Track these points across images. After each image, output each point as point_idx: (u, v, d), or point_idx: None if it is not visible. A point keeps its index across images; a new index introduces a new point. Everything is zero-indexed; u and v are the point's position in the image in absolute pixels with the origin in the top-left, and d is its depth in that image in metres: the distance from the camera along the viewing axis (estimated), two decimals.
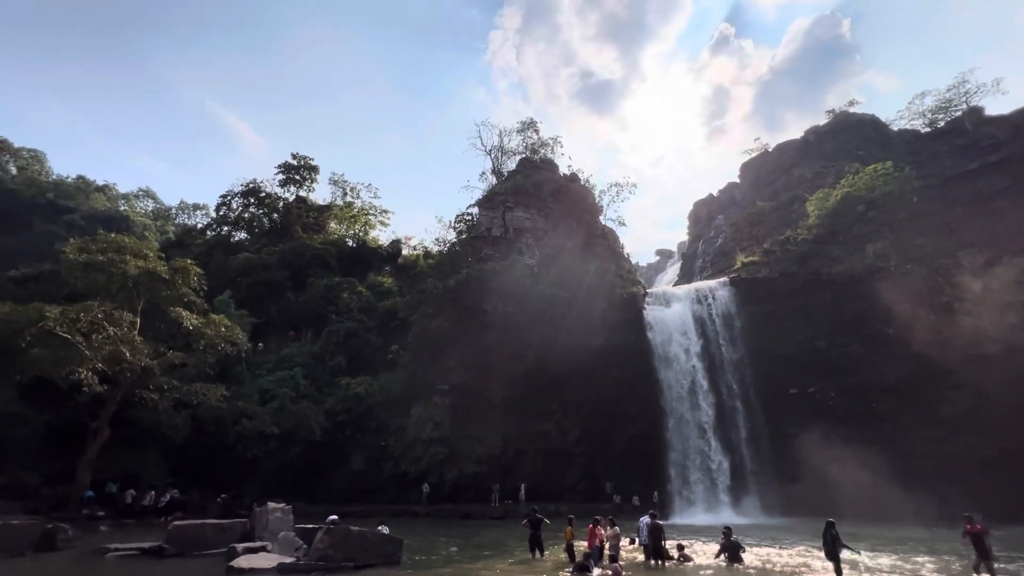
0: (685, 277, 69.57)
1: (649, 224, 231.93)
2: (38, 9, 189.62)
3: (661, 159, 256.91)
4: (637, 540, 16.73)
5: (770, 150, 71.71)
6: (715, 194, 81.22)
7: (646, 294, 44.93)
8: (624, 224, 53.55)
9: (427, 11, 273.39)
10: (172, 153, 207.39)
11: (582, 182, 52.24)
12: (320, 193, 66.24)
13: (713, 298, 42.08)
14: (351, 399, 38.06)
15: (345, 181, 66.79)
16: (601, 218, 51.18)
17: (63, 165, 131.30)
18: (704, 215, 78.26)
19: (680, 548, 16.37)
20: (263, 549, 15.38)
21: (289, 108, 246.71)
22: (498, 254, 44.45)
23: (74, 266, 30.45)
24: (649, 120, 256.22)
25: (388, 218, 68.01)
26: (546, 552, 16.44)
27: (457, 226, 51.78)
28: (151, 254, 32.73)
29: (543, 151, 56.00)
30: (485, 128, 76.77)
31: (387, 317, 46.06)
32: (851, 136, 59.48)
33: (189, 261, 34.66)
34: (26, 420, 29.68)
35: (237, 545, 14.97)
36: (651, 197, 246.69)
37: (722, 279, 44.63)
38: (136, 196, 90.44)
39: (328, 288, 48.42)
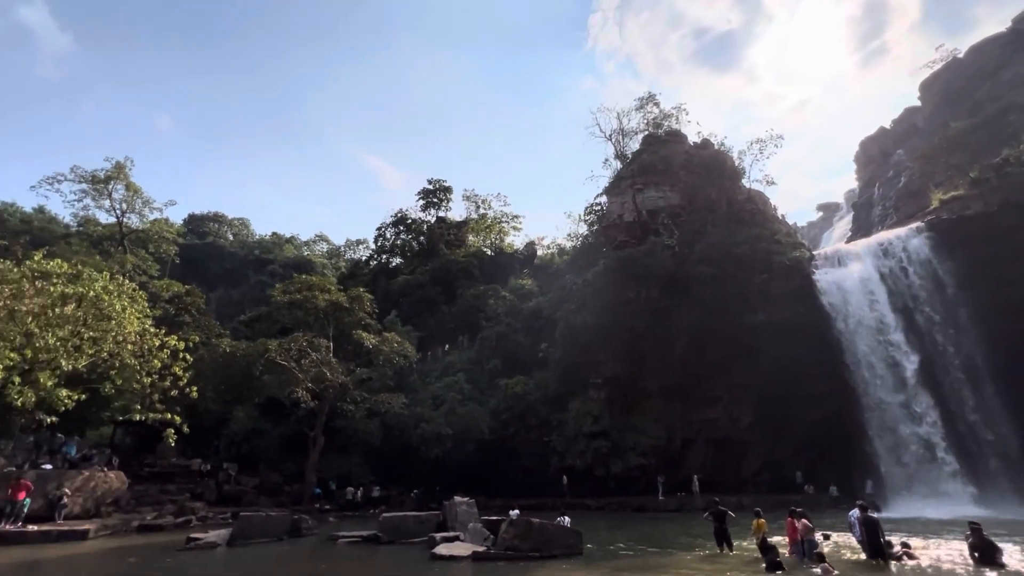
0: (861, 230, 59.55)
1: (803, 177, 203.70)
2: (226, 110, 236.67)
3: (805, 102, 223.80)
4: (851, 536, 14.68)
5: (961, 56, 57.82)
6: (888, 126, 68.17)
7: (812, 257, 39.48)
8: (773, 183, 47.65)
9: (523, 13, 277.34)
10: (335, 199, 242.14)
11: (716, 147, 47.98)
12: (456, 210, 71.17)
13: (905, 249, 35.30)
14: (511, 399, 40.06)
15: (476, 195, 70.94)
16: (744, 181, 46.39)
17: (261, 225, 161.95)
18: (876, 153, 66.18)
19: (905, 546, 13.95)
20: (457, 539, 16.96)
21: (416, 137, 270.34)
22: (633, 239, 43.01)
23: (281, 306, 37.28)
24: (783, 62, 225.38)
25: (520, 222, 70.46)
26: (734, 546, 15.34)
27: (587, 218, 51.41)
28: (333, 288, 38.54)
29: (667, 123, 52.81)
30: (601, 114, 75.28)
31: (532, 317, 47.54)
32: None
33: (361, 290, 40.02)
34: (266, 433, 37.12)
35: (435, 535, 16.79)
36: (800, 147, 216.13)
37: (915, 224, 37.20)
38: (313, 241, 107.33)
39: (475, 297, 51.74)
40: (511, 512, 20.41)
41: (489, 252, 65.42)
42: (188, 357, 25.98)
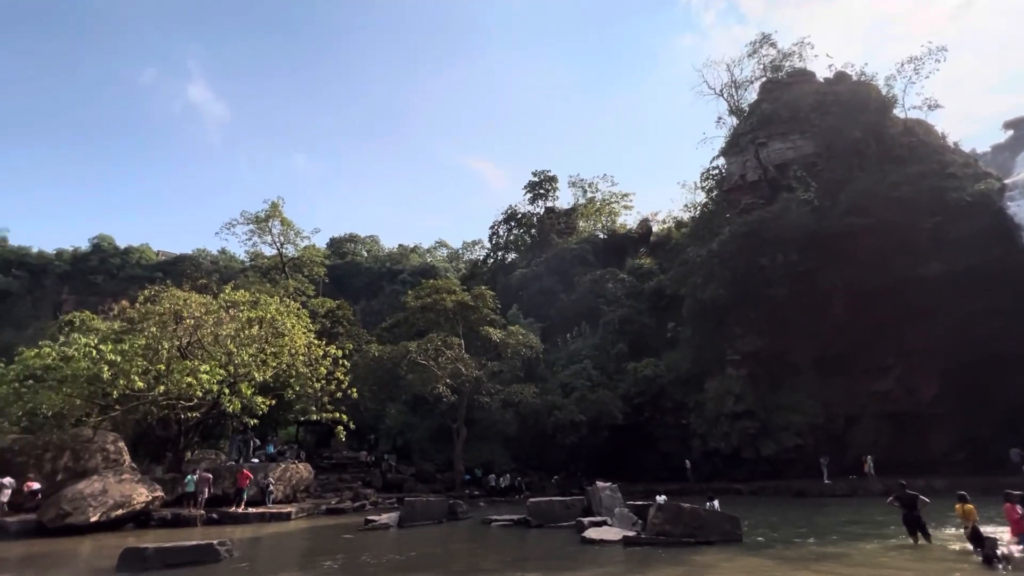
0: None
1: (978, 93, 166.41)
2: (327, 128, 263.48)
3: (969, 1, 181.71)
4: None
5: None
6: None
7: (1005, 187, 32.30)
8: (937, 106, 39.56)
9: None
10: (448, 206, 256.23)
11: (854, 78, 41.45)
12: (563, 198, 71.05)
13: None
14: (642, 382, 39.08)
15: (582, 180, 70.04)
16: (897, 111, 39.48)
17: (388, 239, 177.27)
18: None
19: None
20: (604, 523, 17.05)
21: (515, 134, 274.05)
22: (761, 199, 39.08)
23: (414, 310, 40.60)
24: None
25: (630, 200, 68.15)
26: (930, 535, 13.20)
27: (704, 185, 47.88)
28: (457, 289, 40.94)
29: (788, 64, 46.96)
30: (708, 69, 69.16)
31: (655, 297, 45.81)
32: None
33: (483, 287, 41.91)
34: (416, 426, 40.83)
35: (583, 519, 17.06)
36: (968, 57, 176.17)
37: None
38: (434, 248, 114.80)
39: (593, 282, 51.26)
40: (656, 497, 20.01)
41: (602, 235, 64.24)
42: (346, 363, 29.63)
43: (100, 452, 23.32)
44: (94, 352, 21.53)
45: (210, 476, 23.05)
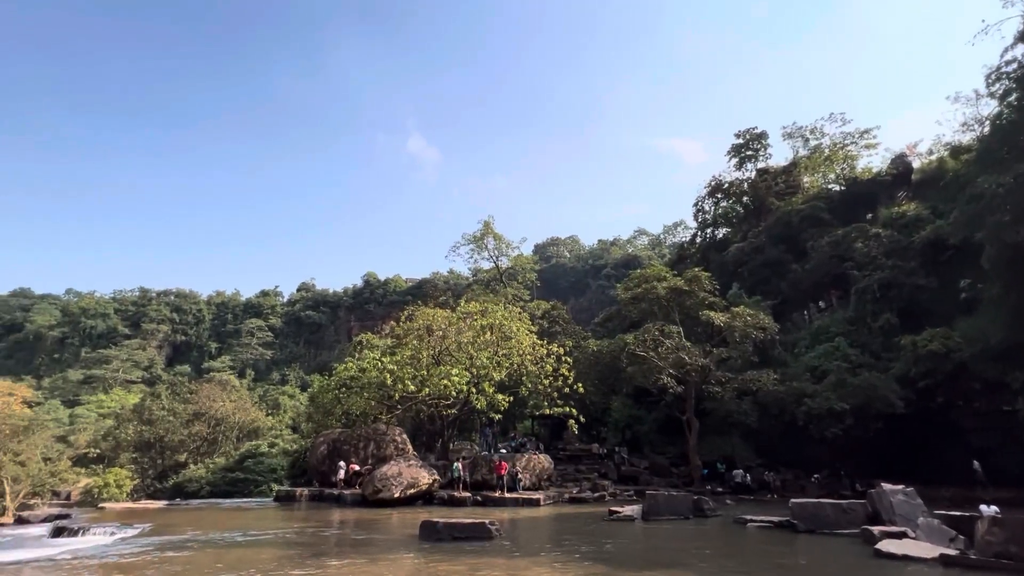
0: None
1: None
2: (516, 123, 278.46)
3: None
4: None
5: None
6: None
7: None
8: None
9: None
10: (644, 192, 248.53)
11: None
12: (778, 154, 61.40)
13: None
14: (926, 359, 30.81)
15: (799, 128, 59.45)
16: None
17: (587, 237, 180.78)
18: None
19: None
20: (903, 535, 13.78)
21: (708, 100, 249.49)
22: None
23: (626, 302, 40.12)
24: None
25: (873, 137, 54.87)
26: None
27: (994, 89, 35.32)
28: (668, 275, 38.98)
29: None
30: None
31: (931, 250, 35.85)
32: None
33: (697, 269, 39.02)
34: (643, 419, 40.16)
35: (872, 528, 14.07)
36: None
37: None
38: (634, 237, 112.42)
39: (833, 245, 42.90)
40: (981, 507, 15.46)
41: (837, 187, 53.43)
42: (568, 360, 31.04)
43: (392, 443, 29.22)
44: (379, 364, 27.24)
45: (468, 462, 26.85)
